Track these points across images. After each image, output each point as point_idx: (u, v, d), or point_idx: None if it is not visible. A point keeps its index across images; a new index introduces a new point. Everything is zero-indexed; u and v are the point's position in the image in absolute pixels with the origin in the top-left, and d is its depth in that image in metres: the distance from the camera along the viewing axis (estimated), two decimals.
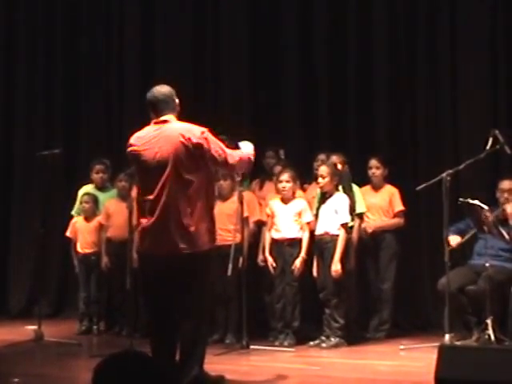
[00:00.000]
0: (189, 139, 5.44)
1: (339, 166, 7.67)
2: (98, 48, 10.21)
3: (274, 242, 7.73)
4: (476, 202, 7.08)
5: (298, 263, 7.58)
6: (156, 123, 5.62)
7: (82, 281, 8.69)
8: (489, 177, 7.94)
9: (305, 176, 8.23)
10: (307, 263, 7.61)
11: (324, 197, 7.60)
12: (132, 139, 5.67)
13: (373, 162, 8.19)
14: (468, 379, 4.62)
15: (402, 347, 7.31)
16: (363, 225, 7.96)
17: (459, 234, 7.51)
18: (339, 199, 7.53)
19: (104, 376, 2.64)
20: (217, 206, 7.51)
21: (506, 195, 7.48)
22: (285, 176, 7.73)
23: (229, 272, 7.30)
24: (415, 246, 8.66)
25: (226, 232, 7.56)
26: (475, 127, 8.34)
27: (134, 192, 8.24)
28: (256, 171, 8.28)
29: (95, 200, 8.75)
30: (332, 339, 7.40)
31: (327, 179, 7.51)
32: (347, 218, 7.49)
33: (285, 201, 7.75)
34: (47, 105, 10.35)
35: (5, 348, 7.43)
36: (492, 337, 6.81)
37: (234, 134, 6.31)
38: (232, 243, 7.41)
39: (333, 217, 7.46)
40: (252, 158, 5.85)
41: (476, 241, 7.56)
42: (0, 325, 9.05)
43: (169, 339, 5.53)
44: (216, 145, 5.56)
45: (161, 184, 5.45)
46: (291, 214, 7.69)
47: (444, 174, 7.12)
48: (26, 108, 10.40)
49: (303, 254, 7.60)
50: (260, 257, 7.87)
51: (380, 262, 8.08)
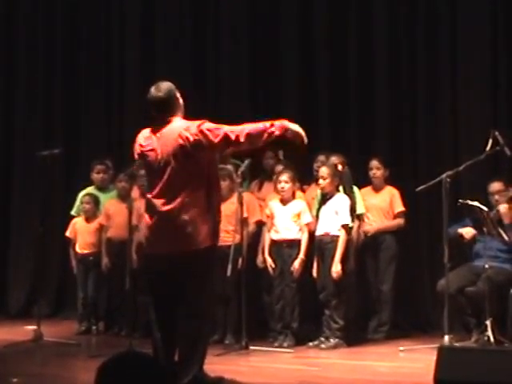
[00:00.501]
0: (187, 138, 5.43)
1: (339, 167, 7.66)
2: (98, 48, 10.22)
3: (273, 243, 7.73)
4: (475, 204, 7.09)
5: (297, 264, 7.58)
6: (158, 123, 5.62)
7: (80, 281, 8.69)
8: (489, 178, 7.93)
9: (304, 177, 8.23)
10: (306, 264, 7.61)
11: (324, 198, 7.59)
12: (139, 138, 5.68)
13: (373, 163, 8.19)
14: (467, 380, 4.62)
15: (402, 348, 7.31)
16: (364, 228, 7.96)
17: (452, 238, 7.50)
18: (340, 200, 7.53)
19: (107, 376, 2.64)
20: None
21: (497, 197, 7.52)
22: (284, 176, 7.73)
23: (228, 272, 7.30)
24: (415, 247, 8.66)
25: (226, 233, 7.55)
26: (475, 128, 8.34)
27: (134, 192, 8.28)
28: (255, 172, 8.31)
29: (96, 201, 8.74)
30: (331, 340, 7.39)
31: (328, 180, 7.51)
32: (348, 219, 7.49)
33: (284, 202, 7.75)
34: (47, 105, 10.36)
35: (4, 348, 7.42)
36: (491, 338, 6.81)
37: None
38: (231, 244, 7.41)
39: (333, 218, 7.46)
40: (275, 127, 5.56)
41: (475, 242, 7.56)
42: None
43: (169, 339, 5.53)
44: (214, 130, 5.44)
45: (162, 183, 5.47)
46: (290, 215, 7.69)
47: (444, 176, 7.12)
48: (26, 108, 10.41)
49: (302, 256, 7.60)
50: (259, 258, 7.87)
51: (379, 263, 8.08)
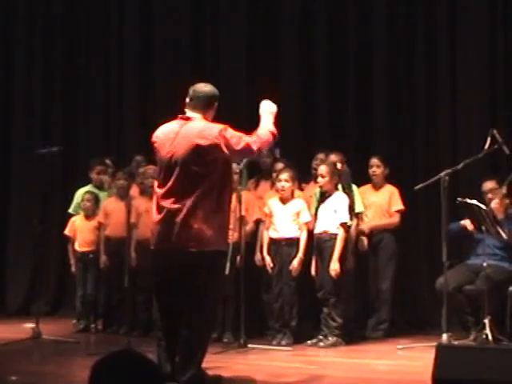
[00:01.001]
0: (200, 144, 5.41)
1: (338, 165, 7.66)
2: (97, 48, 10.21)
3: (272, 242, 7.73)
4: (474, 202, 7.09)
5: (296, 263, 7.58)
6: (181, 118, 5.60)
7: (79, 279, 8.69)
8: (487, 176, 7.93)
9: (303, 175, 8.23)
10: (305, 263, 7.61)
11: (323, 196, 7.59)
12: (157, 132, 5.67)
13: (373, 161, 8.19)
14: (465, 379, 4.62)
15: (400, 347, 7.31)
16: (361, 226, 7.95)
17: (455, 237, 7.51)
18: (339, 198, 7.53)
19: (101, 375, 2.64)
20: None
21: (490, 195, 7.54)
22: (284, 175, 7.73)
23: (226, 271, 7.28)
24: (413, 246, 8.67)
25: None
26: (474, 127, 8.35)
27: (133, 191, 8.29)
28: (251, 170, 8.31)
29: (96, 199, 8.74)
30: (330, 338, 7.39)
31: (327, 178, 7.51)
32: (346, 218, 7.49)
33: (283, 201, 7.75)
34: (46, 103, 10.35)
35: (2, 346, 7.41)
36: (490, 336, 6.81)
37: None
38: (230, 242, 7.40)
39: (332, 216, 7.46)
40: (275, 132, 5.77)
41: (473, 240, 7.56)
42: None
43: (171, 337, 5.52)
44: (235, 138, 5.50)
45: (172, 181, 5.47)
46: (289, 214, 7.69)
47: (442, 174, 7.12)
48: (25, 106, 10.41)
49: (301, 254, 7.60)
50: (257, 256, 7.86)
51: (378, 262, 8.09)
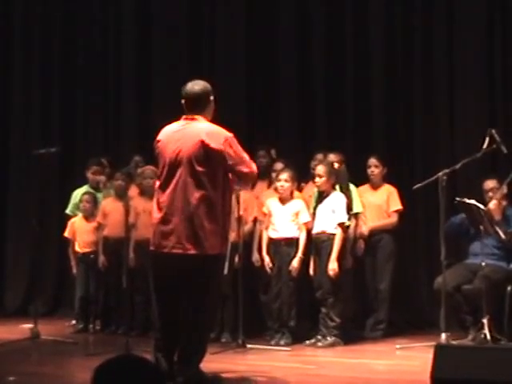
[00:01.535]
0: (208, 144, 5.41)
1: (336, 165, 7.66)
2: (96, 48, 10.21)
3: (271, 242, 7.73)
4: (472, 202, 7.10)
5: (296, 263, 7.58)
6: (185, 119, 5.60)
7: (80, 280, 8.67)
8: (485, 176, 7.93)
9: (302, 175, 8.23)
10: (304, 263, 7.61)
11: (321, 196, 7.60)
12: (160, 133, 5.67)
13: (372, 161, 8.19)
14: (464, 378, 4.62)
15: (399, 346, 7.31)
16: (361, 229, 7.94)
17: (455, 231, 7.51)
18: (336, 198, 7.53)
19: (103, 379, 2.65)
20: None
21: (490, 194, 7.54)
22: (284, 175, 7.73)
23: (225, 270, 7.28)
24: (412, 246, 8.68)
25: None
26: (472, 127, 8.35)
27: (131, 191, 8.29)
28: None
29: (95, 199, 8.73)
30: (328, 338, 7.40)
31: (324, 178, 7.51)
32: (344, 218, 7.49)
33: (283, 201, 7.74)
34: (44, 104, 10.35)
35: (1, 346, 7.41)
36: (488, 336, 6.81)
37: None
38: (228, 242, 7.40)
39: (330, 216, 7.46)
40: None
41: (472, 240, 7.57)
42: None
43: (171, 337, 5.53)
44: (238, 153, 5.49)
45: (174, 183, 5.46)
46: (289, 214, 7.69)
47: (440, 174, 7.12)
48: (23, 107, 10.40)
49: (300, 254, 7.60)
50: (255, 256, 7.86)
51: (377, 262, 8.09)
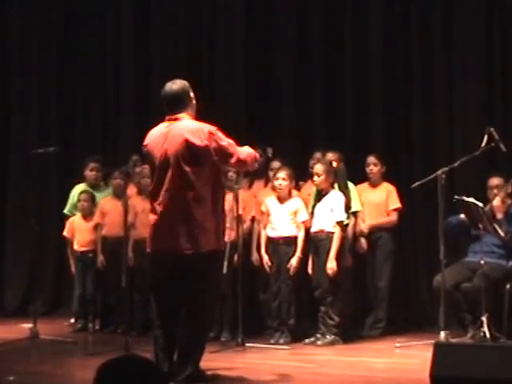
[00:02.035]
0: (193, 142, 5.43)
1: (334, 164, 7.67)
2: (95, 47, 10.21)
3: (270, 241, 7.73)
4: (471, 200, 7.10)
5: (294, 262, 7.58)
6: (168, 120, 5.62)
7: (79, 279, 8.68)
8: (484, 174, 7.93)
9: (301, 174, 8.23)
10: (302, 262, 7.61)
11: (320, 195, 7.60)
12: (147, 137, 5.70)
13: (370, 159, 8.20)
14: (463, 376, 4.63)
15: (398, 345, 7.31)
16: (361, 227, 7.95)
17: (454, 231, 7.51)
18: (335, 197, 7.53)
19: (104, 380, 2.65)
20: None
21: (495, 191, 7.54)
22: (282, 174, 7.73)
23: (224, 270, 7.29)
24: (411, 244, 8.67)
25: None
26: (471, 125, 8.35)
27: (130, 190, 8.28)
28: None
29: (93, 198, 8.74)
30: (327, 337, 7.40)
31: (322, 177, 7.51)
32: (342, 216, 7.49)
33: (281, 200, 7.75)
34: (43, 103, 10.34)
35: (0, 346, 7.42)
36: (487, 334, 6.81)
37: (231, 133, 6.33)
38: (227, 241, 7.40)
39: (328, 214, 7.46)
40: (257, 156, 5.95)
41: (471, 238, 7.57)
42: None
43: (169, 337, 5.54)
44: (225, 144, 5.54)
45: (166, 183, 5.48)
46: (287, 213, 7.69)
47: (439, 172, 7.13)
48: (22, 106, 10.39)
49: (299, 253, 7.60)
50: (254, 255, 7.86)
51: (376, 260, 8.09)
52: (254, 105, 9.40)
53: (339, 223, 7.46)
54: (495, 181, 7.60)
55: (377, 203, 8.14)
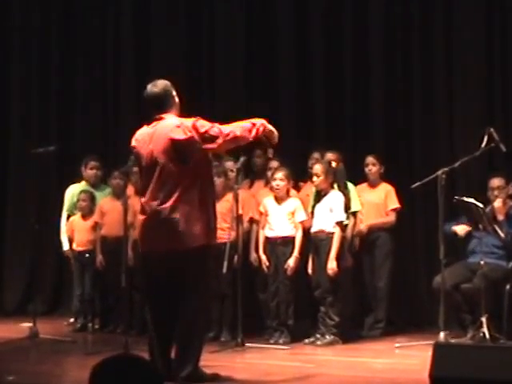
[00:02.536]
0: (178, 139, 5.45)
1: (334, 164, 7.66)
2: (95, 47, 10.20)
3: (268, 241, 7.73)
4: (471, 200, 7.09)
5: (292, 262, 7.58)
6: (154, 120, 5.65)
7: (77, 278, 8.68)
8: (484, 175, 7.94)
9: (300, 174, 8.23)
10: (300, 262, 7.61)
11: (319, 195, 7.60)
12: (134, 138, 5.73)
13: (369, 159, 8.20)
14: (463, 377, 4.62)
15: (397, 345, 7.31)
16: (360, 226, 7.94)
17: (448, 235, 7.51)
18: (334, 197, 7.53)
19: (100, 378, 2.65)
20: None
21: (496, 192, 7.53)
22: (279, 174, 7.74)
23: (224, 270, 7.29)
24: (411, 244, 8.67)
25: (221, 230, 7.56)
26: (471, 125, 8.35)
27: (129, 190, 8.28)
28: (245, 170, 8.30)
29: (92, 198, 8.74)
30: (327, 337, 7.40)
31: (322, 177, 7.51)
32: (342, 216, 7.49)
33: (278, 200, 7.74)
34: (43, 103, 10.34)
35: (0, 345, 7.42)
36: (487, 335, 6.80)
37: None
38: (227, 241, 7.40)
39: (328, 215, 7.46)
40: (258, 124, 5.70)
41: (471, 239, 7.57)
42: None
43: (165, 336, 5.54)
44: (208, 127, 5.50)
45: (153, 182, 5.52)
46: (285, 213, 7.69)
47: (439, 172, 7.13)
48: (22, 106, 10.40)
49: (296, 253, 7.60)
50: (253, 255, 7.86)
51: (375, 260, 8.09)
52: (254, 105, 9.39)
53: (339, 223, 7.46)
54: (496, 182, 7.60)
55: (375, 203, 8.14)
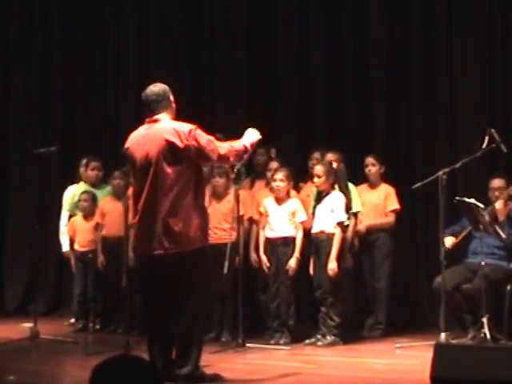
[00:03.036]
0: (173, 142, 5.45)
1: (334, 165, 7.66)
2: (95, 46, 10.21)
3: (268, 241, 7.73)
4: (472, 201, 7.09)
5: (293, 263, 7.58)
6: (148, 122, 5.66)
7: (78, 279, 8.68)
8: (485, 175, 7.93)
9: (301, 175, 8.22)
10: (301, 263, 7.61)
11: (320, 195, 7.60)
12: (128, 140, 5.73)
13: (369, 160, 8.20)
14: (463, 378, 4.63)
15: (398, 346, 7.31)
16: (359, 227, 7.95)
17: (454, 236, 7.52)
18: (335, 198, 7.53)
19: (100, 379, 2.65)
20: (212, 205, 7.55)
21: (497, 193, 7.53)
22: (279, 175, 7.73)
23: (225, 270, 7.29)
24: (411, 245, 8.67)
25: (222, 231, 7.59)
26: (472, 126, 8.35)
27: (130, 190, 8.29)
28: (247, 170, 8.30)
29: (94, 198, 8.74)
30: (328, 337, 7.40)
31: (323, 178, 7.51)
32: (343, 217, 7.49)
33: (279, 201, 7.74)
34: (44, 103, 10.35)
35: (0, 345, 7.42)
36: (488, 335, 6.80)
37: (230, 133, 6.34)
38: (228, 242, 7.40)
39: (329, 215, 7.46)
40: (248, 147, 5.77)
41: (471, 239, 7.57)
42: None
43: (163, 338, 5.55)
44: (206, 141, 5.54)
45: (147, 184, 5.51)
46: (285, 214, 7.69)
47: (440, 173, 7.12)
48: (23, 107, 10.40)
49: (297, 254, 7.60)
50: (253, 256, 7.86)
51: (375, 261, 8.09)
52: (255, 105, 9.40)
53: (340, 224, 7.45)
54: (497, 182, 7.60)
55: (375, 204, 8.14)
